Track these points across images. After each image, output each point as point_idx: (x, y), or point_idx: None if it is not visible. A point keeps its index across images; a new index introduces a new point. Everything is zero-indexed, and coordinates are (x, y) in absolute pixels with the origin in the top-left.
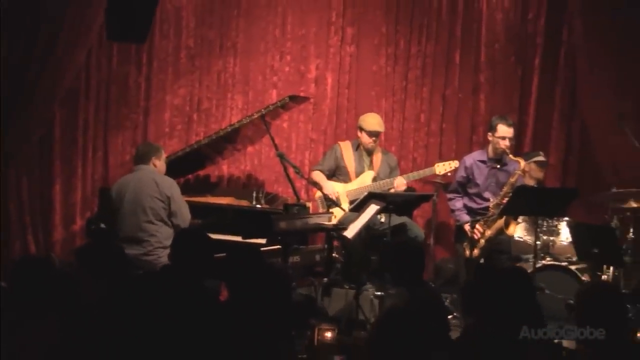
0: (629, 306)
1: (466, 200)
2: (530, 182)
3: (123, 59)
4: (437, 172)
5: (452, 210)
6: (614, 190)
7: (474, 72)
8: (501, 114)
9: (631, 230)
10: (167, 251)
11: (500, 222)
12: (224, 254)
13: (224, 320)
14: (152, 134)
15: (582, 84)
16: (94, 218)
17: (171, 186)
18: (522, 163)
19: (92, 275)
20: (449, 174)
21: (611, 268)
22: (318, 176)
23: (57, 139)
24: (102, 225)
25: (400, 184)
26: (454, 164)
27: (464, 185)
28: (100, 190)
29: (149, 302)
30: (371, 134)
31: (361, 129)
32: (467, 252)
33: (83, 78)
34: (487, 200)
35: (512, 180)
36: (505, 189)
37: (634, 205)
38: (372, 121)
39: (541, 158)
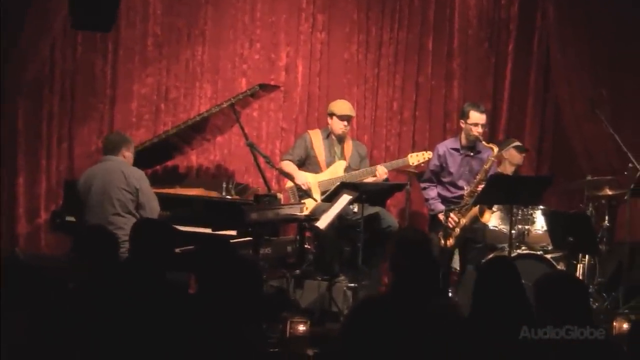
0: (604, 295)
1: (440, 189)
2: (510, 169)
3: (88, 48)
4: (411, 163)
5: (426, 200)
6: (589, 177)
7: (447, 58)
8: (474, 101)
9: (606, 218)
10: None
11: (475, 210)
12: (194, 246)
13: (191, 314)
14: (119, 124)
15: (556, 70)
16: (59, 211)
17: (140, 178)
18: (495, 149)
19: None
20: (422, 164)
21: (587, 256)
22: (289, 166)
23: (21, 131)
24: (68, 218)
25: (382, 172)
26: (428, 154)
27: (437, 173)
28: (66, 183)
29: (110, 296)
30: (342, 118)
31: (332, 115)
32: (442, 242)
33: (47, 68)
34: (461, 188)
35: (485, 167)
36: (479, 176)
37: (609, 192)
38: (343, 105)
39: (518, 143)
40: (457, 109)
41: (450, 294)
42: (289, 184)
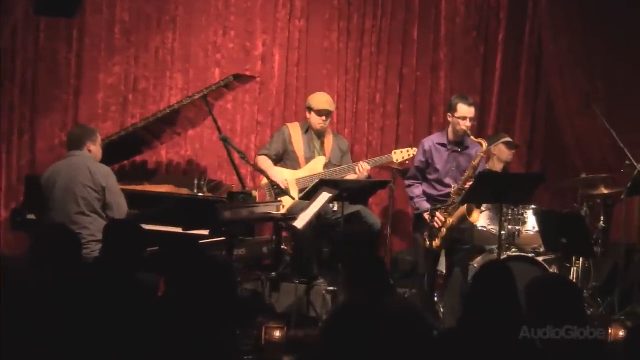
0: (599, 300)
1: (425, 187)
2: (498, 166)
3: (51, 35)
4: (395, 160)
5: (411, 198)
6: (583, 175)
7: (433, 48)
8: (462, 93)
9: (602, 218)
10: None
11: (463, 210)
12: (163, 247)
13: (161, 319)
14: (84, 116)
15: (548, 61)
16: (19, 208)
17: (106, 175)
18: (485, 145)
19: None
20: (407, 161)
21: (581, 259)
22: (264, 163)
23: None
24: (29, 216)
25: (364, 169)
26: (413, 151)
27: (422, 170)
28: (27, 178)
29: (77, 298)
30: (320, 112)
31: (310, 109)
32: (427, 243)
33: (8, 57)
34: (448, 186)
35: (474, 163)
36: (466, 173)
37: (605, 191)
38: (321, 99)
39: (508, 139)
40: (444, 101)
41: (435, 298)
42: (265, 181)
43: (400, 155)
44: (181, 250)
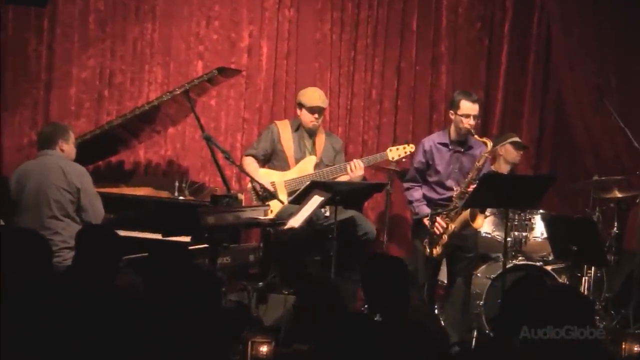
0: (612, 312)
1: (425, 190)
2: (505, 168)
3: (20, 26)
4: (390, 158)
5: (410, 202)
6: (596, 177)
7: (434, 40)
8: (465, 89)
9: (615, 224)
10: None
11: (466, 215)
12: (143, 254)
13: (141, 333)
14: (56, 113)
15: (557, 54)
16: None
17: (81, 175)
18: (490, 144)
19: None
20: (404, 159)
21: (592, 268)
22: (250, 166)
23: None
24: None
25: (357, 167)
26: (410, 148)
27: (422, 172)
28: None
29: (47, 310)
30: (312, 110)
31: (300, 106)
32: (427, 250)
33: None
34: (450, 189)
35: (478, 164)
36: (470, 175)
37: (619, 195)
38: (313, 95)
39: (517, 139)
40: (445, 98)
41: (436, 310)
42: (252, 183)
43: (396, 153)
44: (168, 259)
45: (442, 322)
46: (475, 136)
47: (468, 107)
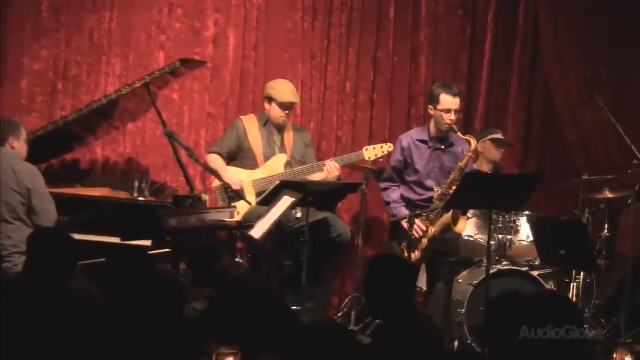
0: (602, 321)
1: (404, 190)
2: (486, 167)
3: None
4: (367, 158)
5: (387, 203)
6: (585, 177)
7: (413, 29)
8: (445, 82)
9: (606, 226)
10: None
11: (447, 217)
12: (99, 260)
13: (96, 344)
14: (5, 108)
15: (545, 45)
16: None
17: (33, 175)
18: (474, 143)
19: None
20: (381, 159)
21: (582, 273)
22: (216, 162)
23: None
24: None
25: (332, 169)
26: (388, 147)
27: (400, 171)
28: None
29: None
30: (284, 106)
31: (270, 100)
32: (405, 254)
33: None
34: (430, 189)
35: (461, 164)
36: (452, 175)
37: (610, 195)
38: (285, 90)
39: (498, 135)
40: (425, 91)
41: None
42: (217, 183)
43: (372, 153)
44: (122, 263)
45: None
46: (459, 134)
47: (448, 102)
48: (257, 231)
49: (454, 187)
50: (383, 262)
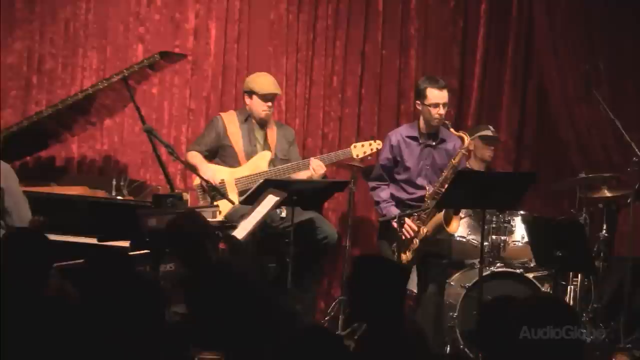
0: (601, 325)
1: (394, 189)
2: (477, 165)
3: None
4: (355, 156)
5: (376, 203)
6: (583, 175)
7: (402, 21)
8: (431, 75)
9: (604, 226)
10: None
11: (439, 217)
12: (76, 261)
13: (72, 349)
14: None
15: (540, 38)
16: None
17: (6, 174)
18: (467, 139)
19: None
20: (369, 157)
21: (579, 276)
22: (195, 158)
23: None
24: None
25: (318, 167)
26: (377, 144)
27: (390, 169)
28: None
29: None
30: (266, 97)
31: (251, 93)
32: (395, 256)
33: None
34: (421, 188)
35: (454, 162)
36: (445, 173)
37: (608, 194)
38: (265, 81)
39: (488, 132)
40: (415, 86)
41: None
42: (198, 181)
43: (361, 150)
44: (99, 265)
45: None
46: (452, 129)
47: (435, 95)
48: (240, 231)
49: (446, 186)
50: (368, 262)
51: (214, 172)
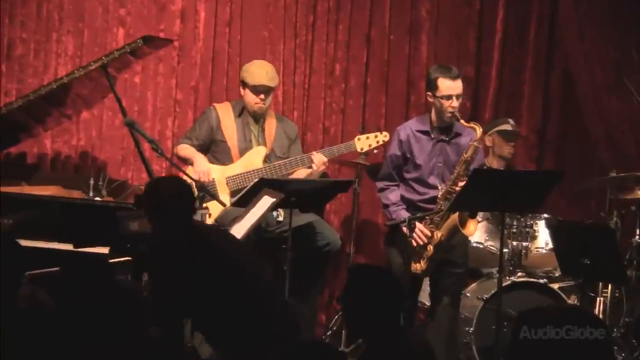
0: (633, 342)
1: (403, 190)
2: (496, 163)
3: None
4: (359, 149)
5: (385, 206)
6: (613, 174)
7: (412, 3)
8: (443, 64)
9: (637, 231)
10: None
11: (454, 219)
12: (50, 270)
13: None
14: None
15: (565, 21)
16: None
17: None
18: (479, 130)
19: None
20: (375, 151)
21: (609, 286)
22: (187, 150)
23: None
24: None
25: (320, 162)
26: (383, 137)
27: (399, 167)
28: None
29: None
30: (257, 90)
31: (244, 84)
32: (407, 265)
33: None
34: (434, 187)
35: (465, 156)
36: (457, 169)
37: None
38: (258, 72)
39: (508, 126)
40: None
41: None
42: (186, 179)
43: (365, 143)
44: (75, 274)
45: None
46: (462, 121)
47: (448, 86)
48: (237, 231)
49: (460, 184)
50: (361, 273)
51: (209, 167)
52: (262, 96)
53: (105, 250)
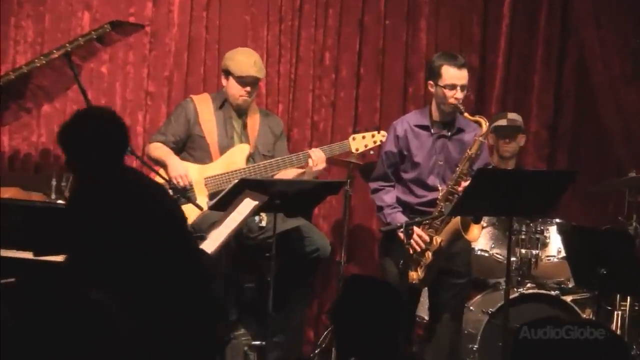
0: None
1: (399, 192)
2: (498, 164)
3: None
4: (353, 150)
5: (380, 208)
6: (632, 174)
7: None
8: (448, 51)
9: None
10: None
11: (456, 222)
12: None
13: None
14: None
15: (579, 6)
16: None
17: None
18: (485, 125)
19: None
20: (371, 151)
21: (628, 299)
22: (160, 150)
23: None
24: None
25: (319, 159)
26: (380, 136)
27: (395, 166)
28: None
29: None
30: (243, 81)
31: (227, 74)
32: (403, 274)
33: None
34: (434, 189)
35: (469, 152)
36: (459, 167)
37: None
38: (245, 60)
39: (502, 122)
40: (425, 64)
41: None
42: (159, 180)
43: (361, 143)
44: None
45: None
46: (466, 114)
47: (452, 75)
48: (211, 244)
49: (463, 184)
50: (359, 284)
51: (187, 169)
52: (248, 88)
53: None
